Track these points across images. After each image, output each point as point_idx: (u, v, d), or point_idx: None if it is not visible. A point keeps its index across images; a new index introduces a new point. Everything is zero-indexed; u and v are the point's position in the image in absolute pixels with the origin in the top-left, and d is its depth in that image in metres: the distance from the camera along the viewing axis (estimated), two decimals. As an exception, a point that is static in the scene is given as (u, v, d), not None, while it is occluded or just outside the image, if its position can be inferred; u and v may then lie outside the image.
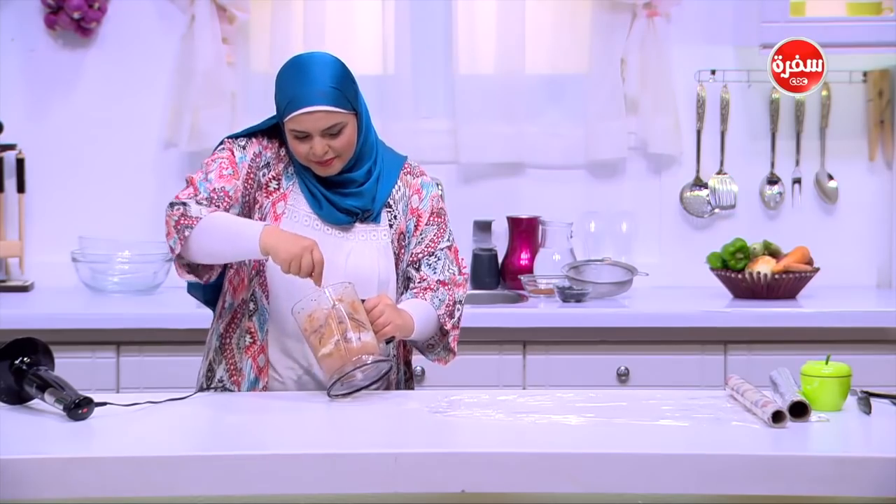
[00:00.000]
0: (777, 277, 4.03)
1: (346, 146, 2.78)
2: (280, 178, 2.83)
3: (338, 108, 2.76)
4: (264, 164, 2.82)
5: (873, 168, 4.36)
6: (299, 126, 2.75)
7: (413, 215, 2.86)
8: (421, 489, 2.31)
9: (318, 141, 2.75)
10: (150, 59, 4.31)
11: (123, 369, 3.85)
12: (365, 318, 2.66)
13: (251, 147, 2.82)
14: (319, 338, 2.65)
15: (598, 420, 2.53)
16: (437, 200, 2.89)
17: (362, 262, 2.80)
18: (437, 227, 2.87)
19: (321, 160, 2.77)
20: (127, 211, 4.33)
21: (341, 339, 2.63)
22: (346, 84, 2.79)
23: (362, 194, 2.82)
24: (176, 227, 2.71)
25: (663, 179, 4.39)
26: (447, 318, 2.83)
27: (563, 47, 4.35)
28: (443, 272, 2.84)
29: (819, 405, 2.58)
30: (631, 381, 3.89)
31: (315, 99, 2.74)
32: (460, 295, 2.86)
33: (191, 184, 2.77)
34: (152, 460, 2.31)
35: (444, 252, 2.86)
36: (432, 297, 2.81)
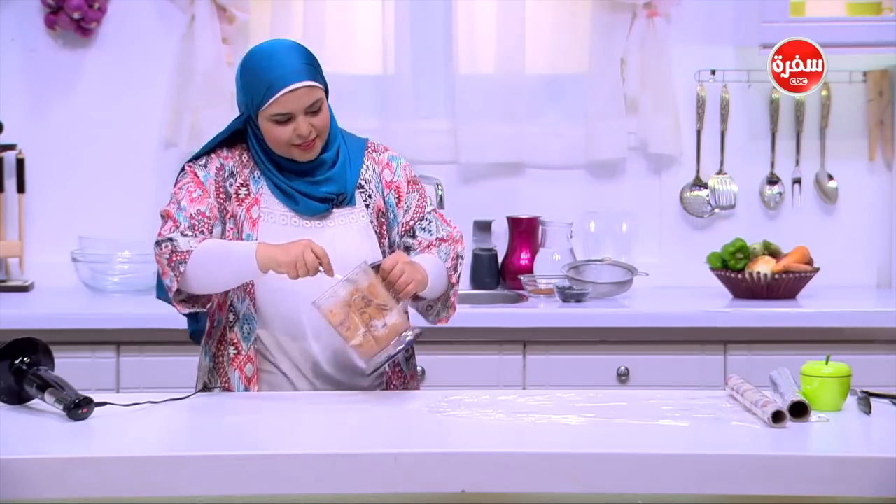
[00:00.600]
0: (777, 277, 4.03)
1: (325, 124, 2.80)
2: (248, 183, 2.83)
3: (317, 84, 2.78)
4: (228, 174, 2.83)
5: (873, 168, 4.36)
6: (282, 108, 2.75)
7: (391, 189, 2.88)
8: (421, 489, 2.31)
9: (302, 120, 2.76)
10: (150, 59, 4.31)
11: (123, 369, 3.85)
12: (385, 296, 2.65)
13: (212, 163, 2.84)
14: (346, 330, 2.66)
15: (598, 420, 2.53)
16: (408, 170, 2.91)
17: (346, 247, 2.79)
18: (418, 193, 2.90)
19: (306, 140, 2.77)
20: (127, 211, 4.33)
21: (367, 331, 2.64)
22: (315, 61, 2.82)
23: (333, 179, 2.83)
24: (170, 265, 2.73)
25: (663, 179, 4.39)
26: (452, 272, 2.85)
27: (563, 47, 4.35)
28: (438, 231, 2.87)
29: (819, 405, 2.58)
30: (631, 381, 3.89)
31: (295, 76, 2.75)
32: (461, 250, 2.88)
33: (168, 217, 2.79)
34: (152, 460, 2.31)
35: (432, 215, 2.89)
36: (437, 251, 2.84)
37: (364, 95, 4.34)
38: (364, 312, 2.64)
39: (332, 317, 2.65)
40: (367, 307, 2.64)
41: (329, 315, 2.66)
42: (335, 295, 2.65)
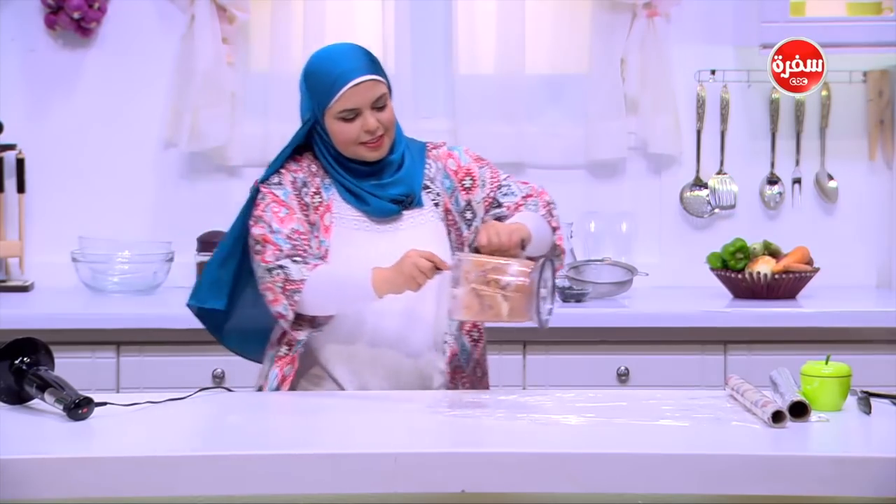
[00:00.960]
0: (777, 277, 4.03)
1: (391, 121, 2.80)
2: (319, 191, 2.83)
3: (381, 78, 2.79)
4: (302, 184, 2.83)
5: (873, 168, 4.36)
6: (349, 103, 2.76)
7: (461, 174, 2.87)
8: (421, 489, 2.31)
9: (369, 114, 2.76)
10: (150, 59, 4.31)
11: (123, 369, 3.85)
12: (496, 261, 2.63)
13: (285, 178, 2.84)
14: (490, 310, 2.62)
15: (598, 420, 2.53)
16: (470, 152, 2.92)
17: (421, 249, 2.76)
18: (489, 167, 2.91)
19: (374, 137, 2.77)
20: (127, 211, 4.33)
21: (504, 292, 2.60)
22: (377, 60, 2.84)
23: (401, 180, 2.83)
24: (284, 293, 2.73)
25: (663, 179, 4.39)
26: (549, 217, 2.87)
27: (563, 47, 4.35)
28: (520, 191, 2.88)
29: (819, 405, 2.58)
30: (631, 381, 3.89)
31: (360, 70, 2.77)
32: (548, 198, 2.90)
33: (266, 242, 2.77)
34: (152, 460, 2.31)
35: (508, 180, 2.90)
36: (527, 204, 2.85)
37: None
38: (489, 282, 2.60)
39: (469, 312, 2.63)
40: (486, 277, 2.60)
41: (466, 312, 2.64)
42: (455, 296, 2.62)
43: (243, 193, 4.28)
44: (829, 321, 3.87)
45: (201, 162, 4.35)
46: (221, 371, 3.84)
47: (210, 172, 4.35)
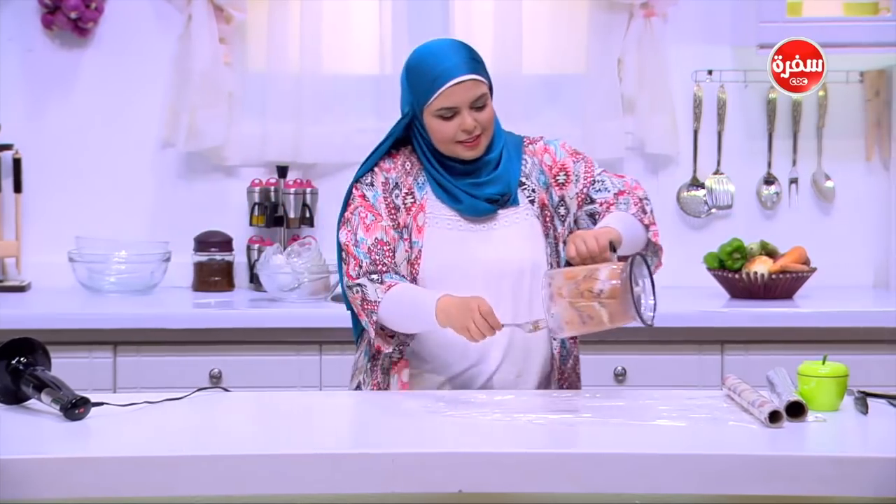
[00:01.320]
0: (774, 277, 4.03)
1: (490, 121, 2.78)
2: (412, 191, 2.82)
3: (482, 78, 2.78)
4: (393, 186, 2.82)
5: (870, 168, 4.36)
6: (448, 101, 2.74)
7: (556, 170, 2.86)
8: (418, 489, 2.31)
9: (467, 114, 2.75)
10: (148, 59, 4.31)
11: (120, 369, 3.84)
12: (585, 269, 2.61)
13: (377, 179, 2.82)
14: (591, 320, 2.60)
15: (595, 420, 2.53)
16: (567, 146, 2.90)
17: (514, 248, 2.78)
18: (584, 161, 2.89)
19: (471, 136, 2.76)
20: (124, 211, 4.33)
21: (600, 300, 2.58)
22: (480, 58, 2.81)
23: (498, 179, 2.81)
24: (363, 310, 2.74)
25: (660, 179, 4.39)
26: (642, 214, 2.84)
27: (561, 47, 4.35)
28: (614, 187, 2.86)
29: (816, 405, 2.58)
30: (628, 381, 3.89)
31: (461, 69, 2.75)
32: (642, 194, 2.87)
33: (349, 255, 2.77)
34: (149, 460, 2.31)
35: (602, 175, 2.88)
36: (618, 203, 2.83)
37: (362, 95, 4.34)
38: (583, 294, 2.59)
39: (572, 327, 2.61)
40: (580, 290, 2.58)
41: (568, 328, 2.61)
42: (553, 314, 2.60)
43: (240, 193, 4.35)
44: (826, 321, 3.88)
45: (198, 162, 4.35)
46: (219, 371, 3.84)
47: (207, 172, 4.35)
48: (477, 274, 2.76)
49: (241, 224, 4.33)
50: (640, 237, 2.82)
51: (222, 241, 4.28)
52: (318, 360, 3.86)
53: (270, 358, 3.86)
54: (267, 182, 4.31)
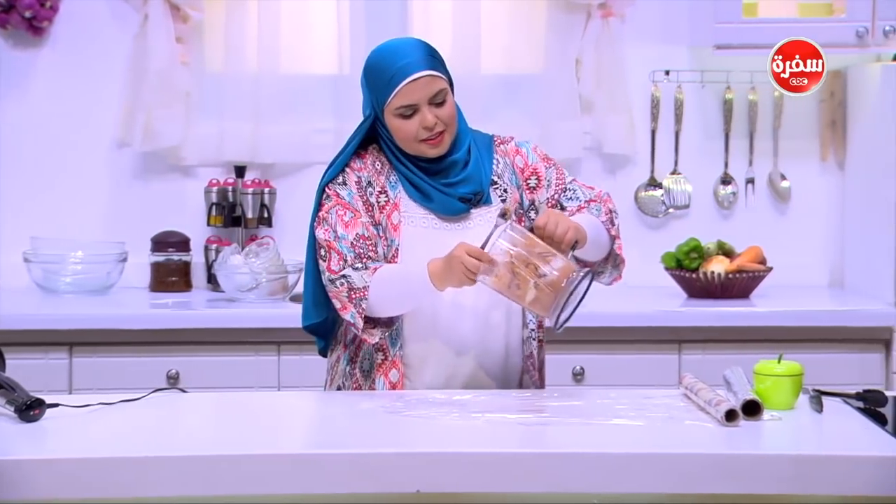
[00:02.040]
0: (731, 277, 4.05)
1: (451, 116, 2.77)
2: (385, 189, 2.81)
3: (439, 74, 2.77)
4: (366, 184, 2.81)
5: (825, 168, 4.39)
6: (406, 99, 2.73)
7: (527, 173, 2.86)
8: (376, 489, 2.31)
9: (426, 111, 2.74)
10: (103, 59, 4.28)
11: (76, 370, 3.82)
12: (544, 245, 2.62)
13: (349, 178, 2.80)
14: (517, 289, 2.61)
15: (553, 419, 2.53)
16: (538, 150, 2.90)
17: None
18: (555, 168, 2.88)
19: (432, 134, 2.75)
20: (80, 211, 4.30)
21: (538, 280, 2.59)
22: (438, 55, 2.81)
23: (470, 178, 2.81)
24: (351, 301, 2.71)
25: (618, 179, 4.40)
26: (610, 225, 2.82)
27: (519, 47, 4.36)
28: (584, 195, 2.86)
29: (772, 404, 2.59)
30: (587, 381, 3.90)
31: (417, 66, 2.74)
32: (612, 206, 2.86)
33: (330, 249, 2.75)
34: (105, 462, 2.29)
35: (573, 184, 2.87)
36: (588, 210, 2.81)
37: (320, 95, 4.33)
38: (528, 265, 2.59)
39: (500, 283, 2.61)
40: (529, 260, 2.59)
41: (496, 282, 2.62)
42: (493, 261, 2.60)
43: (198, 193, 4.32)
44: (782, 320, 3.90)
45: (155, 162, 4.32)
46: (176, 372, 3.83)
47: (164, 172, 4.33)
48: None
49: (199, 224, 4.31)
50: (603, 245, 2.82)
51: (179, 242, 4.26)
52: (276, 361, 3.85)
53: (228, 358, 3.84)
54: (224, 182, 4.29)
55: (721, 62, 4.30)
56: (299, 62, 4.32)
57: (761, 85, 4.35)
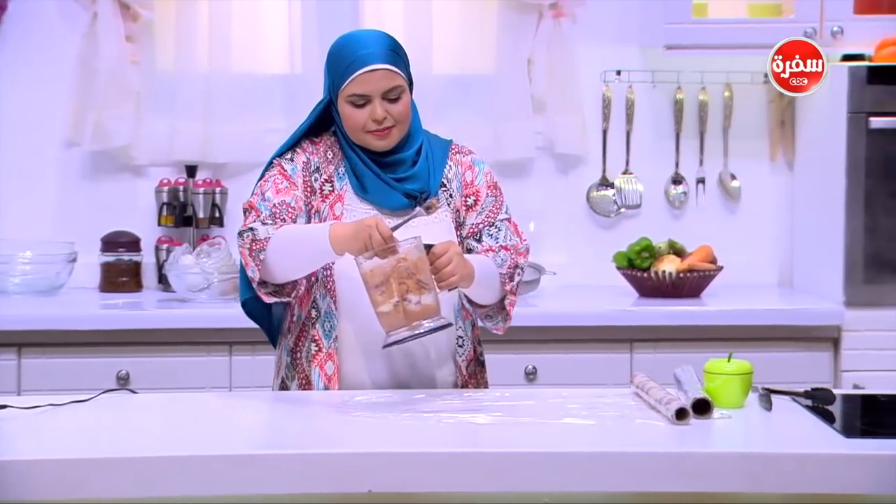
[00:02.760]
0: (682, 276, 4.08)
1: (403, 114, 2.77)
2: (332, 179, 2.82)
3: (399, 70, 2.77)
4: (314, 169, 2.82)
5: (774, 168, 4.43)
6: (360, 88, 2.74)
7: (470, 191, 2.86)
8: (328, 489, 2.30)
9: (378, 104, 2.74)
10: (52, 57, 4.25)
11: (25, 371, 3.79)
12: (428, 277, 2.62)
13: (298, 157, 2.82)
14: (380, 294, 2.61)
15: (505, 419, 2.54)
16: (490, 176, 2.89)
17: None
18: (496, 199, 2.88)
19: (380, 126, 2.75)
20: (29, 210, 4.26)
21: (401, 301, 2.60)
22: (402, 52, 2.81)
23: (417, 176, 2.81)
24: (251, 254, 2.70)
25: (570, 179, 4.42)
26: (507, 280, 2.79)
27: (470, 47, 4.36)
28: (505, 240, 2.85)
29: (721, 402, 2.61)
30: (539, 380, 3.91)
31: (376, 58, 2.75)
32: (522, 262, 2.84)
33: (251, 208, 2.76)
34: (54, 463, 2.28)
35: (503, 223, 2.87)
36: (494, 256, 2.80)
37: (271, 94, 4.32)
38: (403, 283, 2.60)
39: (371, 276, 2.61)
40: (407, 279, 2.60)
41: (368, 274, 2.62)
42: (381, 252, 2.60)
43: (148, 193, 4.30)
44: (732, 319, 3.93)
45: (105, 161, 4.29)
46: (126, 373, 3.80)
47: (114, 172, 4.30)
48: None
49: (150, 224, 4.28)
50: (488, 297, 2.80)
51: (130, 242, 4.24)
52: (227, 361, 3.83)
53: (179, 359, 3.82)
54: (175, 182, 4.27)
55: (672, 62, 4.33)
56: (251, 61, 4.30)
57: (711, 85, 4.38)
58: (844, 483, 2.32)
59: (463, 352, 2.84)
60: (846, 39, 4.11)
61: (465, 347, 2.85)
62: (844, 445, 2.40)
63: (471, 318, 2.88)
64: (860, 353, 3.94)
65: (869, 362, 3.92)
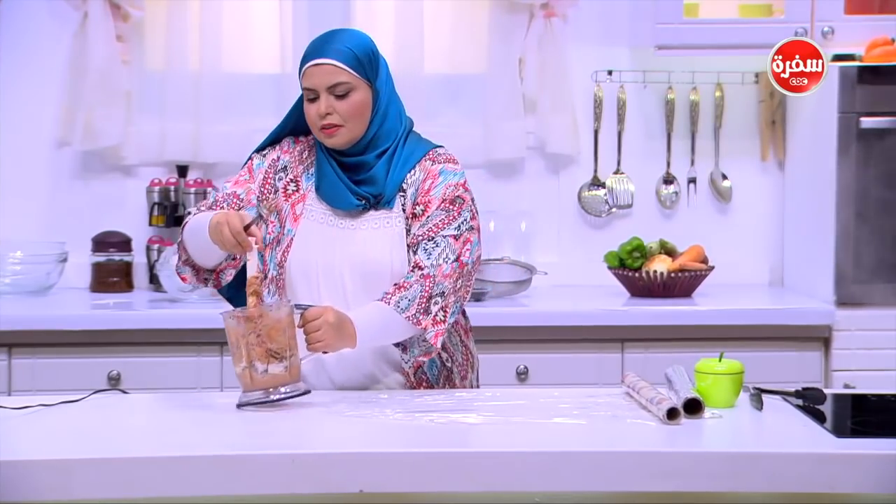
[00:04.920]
0: (673, 276, 4.08)
1: (351, 113, 2.77)
2: (299, 179, 2.84)
3: (346, 67, 2.76)
4: (281, 168, 2.84)
5: (765, 168, 4.43)
6: (307, 82, 2.77)
7: (422, 199, 2.79)
8: (319, 490, 2.30)
9: (323, 98, 2.75)
10: (43, 57, 4.24)
11: (16, 371, 3.78)
12: (282, 344, 2.59)
13: (271, 154, 2.86)
14: (233, 355, 2.63)
15: (496, 419, 2.54)
16: (453, 189, 2.80)
17: (375, 254, 2.76)
18: (447, 213, 2.78)
19: (325, 122, 2.76)
20: (19, 210, 4.26)
21: (248, 367, 2.60)
22: (364, 53, 2.79)
23: (372, 180, 2.80)
24: (181, 235, 2.78)
25: (561, 179, 4.42)
26: (422, 316, 2.70)
27: (462, 47, 4.36)
28: (438, 258, 2.74)
29: (712, 402, 2.61)
30: (530, 380, 3.91)
31: (325, 53, 2.76)
32: (441, 287, 2.72)
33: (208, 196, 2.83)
34: (44, 463, 2.27)
35: (445, 239, 2.75)
36: (400, 298, 2.70)
37: (262, 94, 4.31)
38: (252, 348, 2.59)
39: (228, 335, 2.63)
40: (257, 345, 2.59)
41: (226, 332, 2.63)
42: (232, 318, 2.61)
43: (139, 193, 4.29)
44: (723, 319, 3.93)
45: (95, 161, 4.29)
46: (117, 373, 3.80)
47: (104, 172, 4.30)
48: (340, 271, 2.78)
49: (141, 224, 4.28)
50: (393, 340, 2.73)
51: (121, 242, 4.23)
52: (219, 361, 3.83)
53: (170, 359, 3.82)
54: (167, 181, 4.26)
55: (663, 62, 4.33)
56: (241, 61, 4.30)
57: (702, 85, 4.39)
58: (835, 482, 2.32)
59: (409, 358, 2.79)
60: (837, 40, 4.11)
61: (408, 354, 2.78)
62: (835, 445, 2.40)
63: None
64: (851, 352, 3.94)
65: (859, 362, 3.93)
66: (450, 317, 2.75)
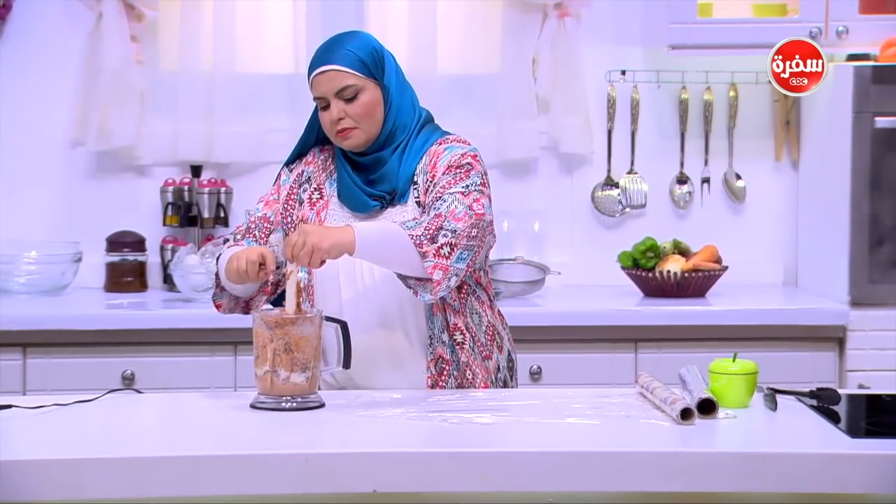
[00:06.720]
0: (686, 276, 4.07)
1: (362, 114, 2.77)
2: (322, 187, 2.85)
3: (351, 70, 2.76)
4: (305, 180, 2.87)
5: (779, 168, 4.43)
6: (315, 91, 2.79)
7: (432, 175, 2.76)
8: (332, 489, 2.30)
9: (333, 104, 2.76)
10: (57, 57, 4.25)
11: (30, 371, 3.79)
12: (311, 355, 2.60)
13: (297, 168, 2.89)
14: (257, 357, 2.63)
15: (510, 419, 2.54)
16: (459, 157, 2.75)
17: None
18: (454, 176, 2.73)
19: (340, 127, 2.76)
20: (34, 210, 4.27)
21: (271, 372, 2.60)
22: (366, 53, 2.79)
23: (384, 177, 2.80)
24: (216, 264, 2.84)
25: (574, 179, 4.42)
26: (426, 241, 2.62)
27: (475, 47, 4.36)
28: (447, 207, 2.68)
29: (726, 402, 2.61)
30: (543, 380, 3.91)
31: (328, 60, 2.77)
32: (453, 225, 2.64)
33: (247, 214, 2.90)
34: (59, 463, 2.28)
35: (454, 195, 2.70)
36: (409, 221, 2.68)
37: (275, 94, 4.32)
38: (279, 355, 2.60)
39: (254, 337, 2.63)
40: (283, 353, 2.59)
41: (254, 334, 2.63)
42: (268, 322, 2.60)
43: (153, 193, 4.30)
44: (737, 319, 3.93)
45: (109, 161, 4.30)
46: (131, 373, 3.80)
47: (118, 172, 4.30)
48: (360, 273, 2.78)
49: (155, 224, 4.28)
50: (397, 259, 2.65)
51: (135, 241, 4.24)
52: (232, 361, 3.84)
53: (184, 359, 3.82)
54: (180, 181, 4.27)
55: (676, 62, 4.32)
56: (254, 61, 4.30)
57: (716, 85, 4.38)
58: (849, 483, 2.31)
59: (432, 350, 2.80)
60: (851, 39, 4.10)
61: (433, 346, 2.80)
62: (849, 445, 2.40)
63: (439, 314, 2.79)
64: (865, 352, 3.94)
65: (874, 362, 3.92)
66: (455, 260, 2.64)
